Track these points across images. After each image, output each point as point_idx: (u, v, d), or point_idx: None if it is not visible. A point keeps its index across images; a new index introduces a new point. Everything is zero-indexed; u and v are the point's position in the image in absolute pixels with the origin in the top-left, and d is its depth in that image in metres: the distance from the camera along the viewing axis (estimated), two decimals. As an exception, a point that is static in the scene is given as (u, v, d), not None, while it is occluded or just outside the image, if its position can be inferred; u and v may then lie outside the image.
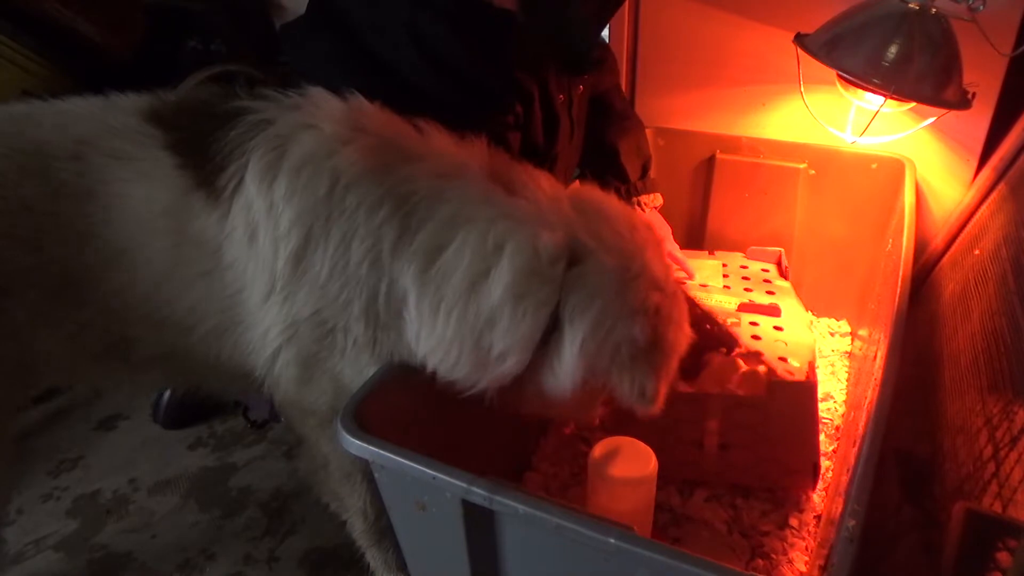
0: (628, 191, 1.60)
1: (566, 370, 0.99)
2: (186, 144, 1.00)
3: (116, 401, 1.83)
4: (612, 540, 0.74)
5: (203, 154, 0.99)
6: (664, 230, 1.62)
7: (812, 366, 1.36)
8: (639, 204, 1.61)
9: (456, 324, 0.97)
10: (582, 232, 1.01)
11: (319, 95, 1.04)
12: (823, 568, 0.86)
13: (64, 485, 1.61)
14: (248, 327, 1.04)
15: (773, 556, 1.30)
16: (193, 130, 1.01)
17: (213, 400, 1.74)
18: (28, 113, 1.04)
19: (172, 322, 1.03)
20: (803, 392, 1.32)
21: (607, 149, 1.60)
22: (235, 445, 1.70)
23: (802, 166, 1.66)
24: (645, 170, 1.63)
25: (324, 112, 1.02)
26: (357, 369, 1.03)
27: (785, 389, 1.32)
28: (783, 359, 1.43)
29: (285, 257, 0.97)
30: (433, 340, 0.99)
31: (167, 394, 1.72)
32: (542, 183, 1.05)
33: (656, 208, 1.64)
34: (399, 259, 0.97)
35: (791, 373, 1.40)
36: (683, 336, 1.09)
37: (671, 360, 1.05)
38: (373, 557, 1.30)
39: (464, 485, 0.82)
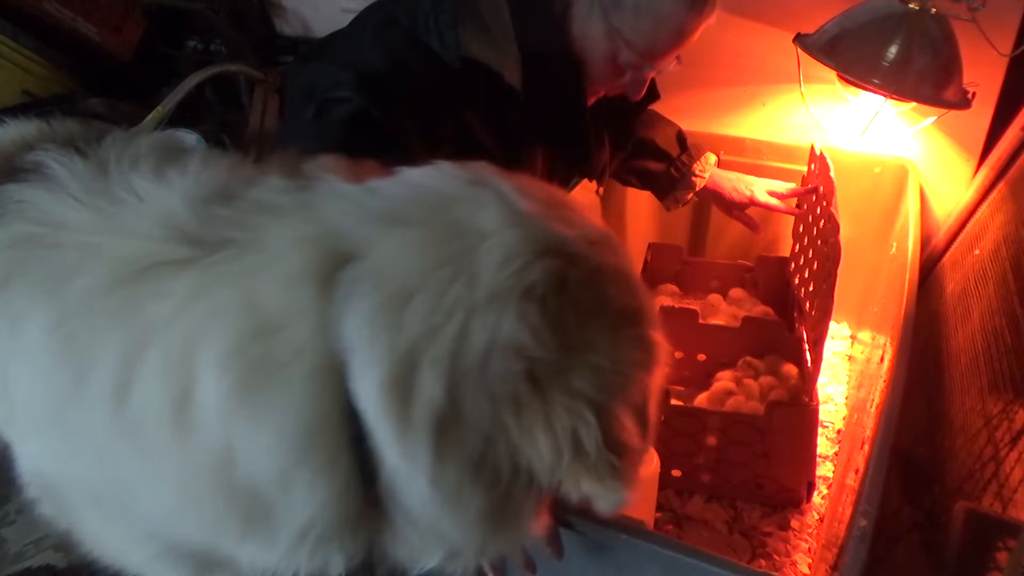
0: (677, 168, 1.56)
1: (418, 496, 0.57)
2: None
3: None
4: (624, 536, 0.74)
5: None
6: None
7: (815, 390, 1.33)
8: (694, 175, 1.56)
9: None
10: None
11: None
12: (833, 567, 0.86)
13: (64, 485, 1.60)
14: None
15: (776, 557, 1.30)
16: None
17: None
18: None
19: None
20: (804, 414, 1.29)
21: (639, 143, 1.56)
22: (235, 445, 1.69)
23: (805, 168, 1.65)
24: (682, 140, 1.58)
25: None
26: None
27: (785, 410, 1.30)
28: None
29: None
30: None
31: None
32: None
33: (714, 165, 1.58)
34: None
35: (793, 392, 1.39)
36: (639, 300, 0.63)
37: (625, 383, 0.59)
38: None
39: None
